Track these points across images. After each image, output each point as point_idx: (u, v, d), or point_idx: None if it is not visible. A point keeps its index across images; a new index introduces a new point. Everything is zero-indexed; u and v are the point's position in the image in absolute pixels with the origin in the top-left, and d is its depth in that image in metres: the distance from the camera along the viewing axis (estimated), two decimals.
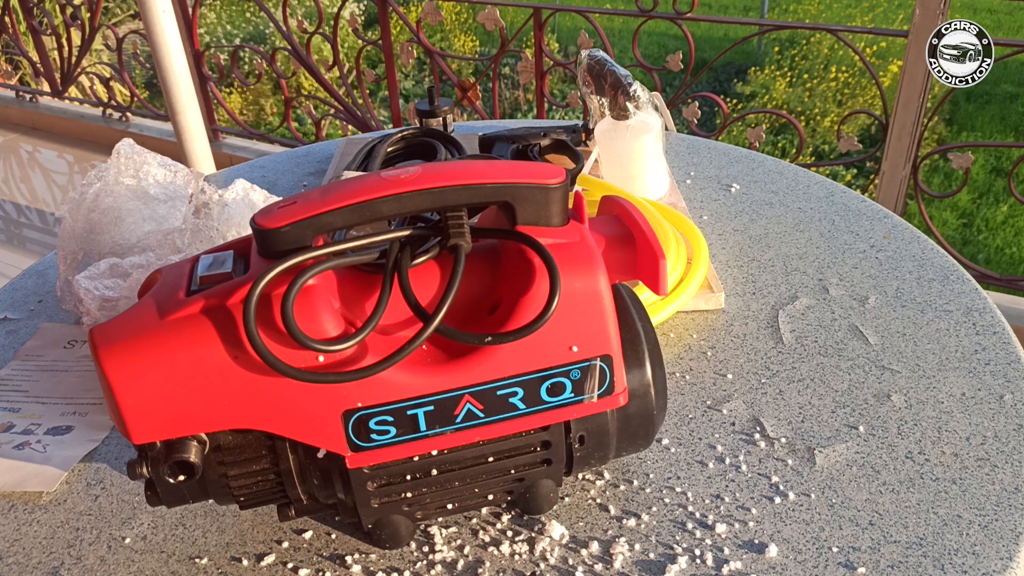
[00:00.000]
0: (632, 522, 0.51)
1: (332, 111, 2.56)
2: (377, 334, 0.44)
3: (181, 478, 0.44)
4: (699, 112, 1.97)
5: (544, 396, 0.44)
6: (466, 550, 0.50)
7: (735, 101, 5.26)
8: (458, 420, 0.44)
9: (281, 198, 0.76)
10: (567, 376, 0.44)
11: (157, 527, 0.53)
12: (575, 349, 0.44)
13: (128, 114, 3.03)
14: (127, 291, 0.65)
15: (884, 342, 0.66)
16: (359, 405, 0.43)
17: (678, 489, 0.53)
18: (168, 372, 0.41)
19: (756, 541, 0.49)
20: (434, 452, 0.45)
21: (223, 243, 0.48)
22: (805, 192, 0.90)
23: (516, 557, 0.49)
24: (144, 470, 0.44)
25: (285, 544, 0.51)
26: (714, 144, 1.03)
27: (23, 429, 0.62)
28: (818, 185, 0.91)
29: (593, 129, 0.90)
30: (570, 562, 0.49)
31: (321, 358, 0.41)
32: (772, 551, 0.48)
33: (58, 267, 0.74)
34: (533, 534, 0.51)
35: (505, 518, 0.52)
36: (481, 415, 0.44)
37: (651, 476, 0.54)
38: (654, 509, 0.52)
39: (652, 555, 0.49)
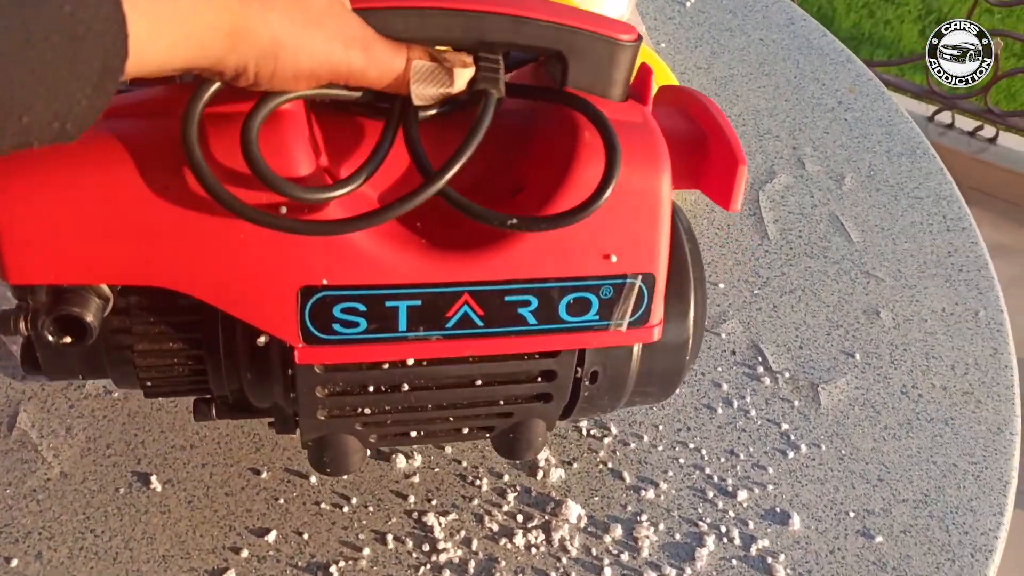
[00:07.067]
0: (651, 493, 0.46)
1: None
2: (363, 198, 0.33)
3: (67, 340, 0.32)
4: None
5: (562, 313, 0.35)
6: (474, 545, 0.43)
7: None
8: (449, 325, 0.34)
9: None
10: (596, 292, 0.35)
11: (51, 542, 0.40)
12: (614, 259, 0.34)
13: None
14: None
15: (865, 239, 0.62)
16: (324, 282, 0.32)
17: (691, 445, 0.48)
18: (69, 193, 0.30)
19: (778, 509, 0.46)
20: (410, 362, 0.35)
21: None
22: (764, 17, 0.79)
23: (533, 551, 0.43)
24: (22, 325, 0.33)
25: (244, 552, 0.41)
26: None
27: None
28: (776, 7, 0.80)
29: None
30: (594, 552, 0.43)
31: (283, 209, 0.31)
32: (795, 522, 0.46)
33: None
34: (547, 516, 0.44)
35: (511, 496, 0.45)
36: (480, 323, 0.34)
37: (660, 428, 0.49)
38: (670, 474, 0.47)
39: (678, 535, 0.45)
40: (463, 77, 0.33)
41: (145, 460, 0.44)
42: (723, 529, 0.45)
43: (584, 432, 0.48)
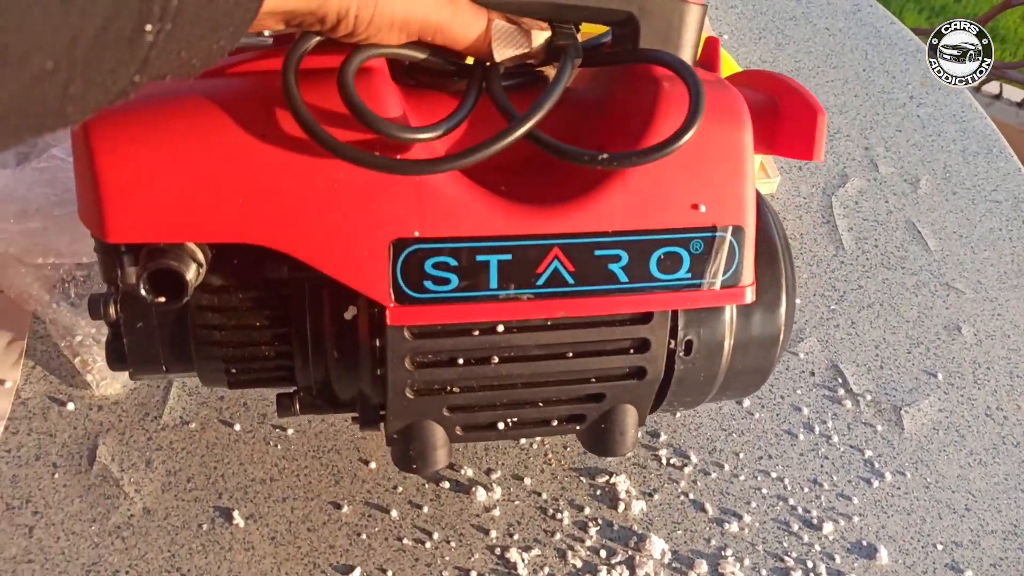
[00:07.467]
0: (734, 526, 0.45)
1: None
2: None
3: (161, 300, 0.31)
4: None
5: (653, 270, 0.34)
6: None
7: None
8: (539, 283, 0.33)
9: None
10: (686, 246, 0.34)
11: None
12: (702, 209, 0.34)
13: None
14: None
15: (943, 247, 0.60)
16: (416, 234, 0.32)
17: (773, 474, 0.47)
18: (169, 147, 0.31)
19: (864, 543, 0.45)
20: (500, 328, 0.34)
21: None
22: (828, 3, 0.75)
23: None
24: (112, 309, 0.34)
25: None
26: None
27: None
28: None
29: None
30: None
31: (377, 153, 0.31)
32: (883, 556, 0.45)
33: None
34: (630, 551, 0.43)
35: (593, 530, 0.44)
36: (570, 280, 0.34)
37: (741, 456, 0.48)
38: (753, 505, 0.46)
39: (764, 572, 0.44)
40: (540, 38, 0.34)
41: (226, 494, 0.43)
42: (809, 564, 0.44)
43: (664, 461, 0.47)
